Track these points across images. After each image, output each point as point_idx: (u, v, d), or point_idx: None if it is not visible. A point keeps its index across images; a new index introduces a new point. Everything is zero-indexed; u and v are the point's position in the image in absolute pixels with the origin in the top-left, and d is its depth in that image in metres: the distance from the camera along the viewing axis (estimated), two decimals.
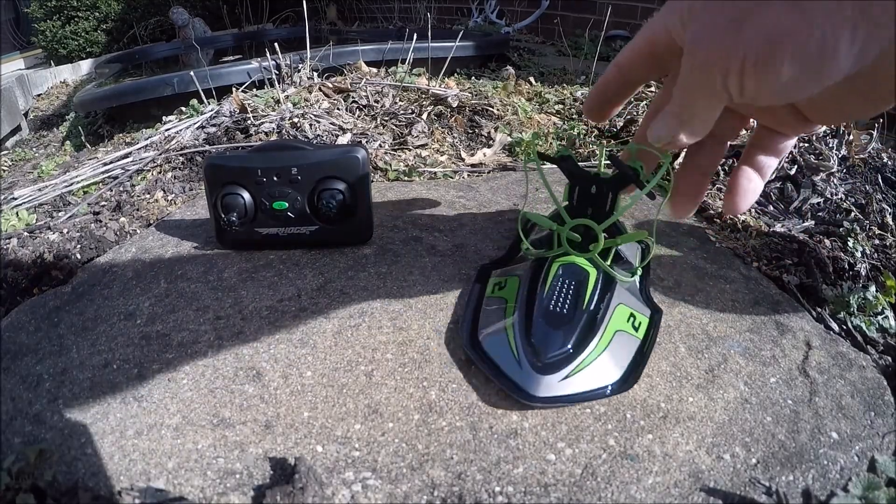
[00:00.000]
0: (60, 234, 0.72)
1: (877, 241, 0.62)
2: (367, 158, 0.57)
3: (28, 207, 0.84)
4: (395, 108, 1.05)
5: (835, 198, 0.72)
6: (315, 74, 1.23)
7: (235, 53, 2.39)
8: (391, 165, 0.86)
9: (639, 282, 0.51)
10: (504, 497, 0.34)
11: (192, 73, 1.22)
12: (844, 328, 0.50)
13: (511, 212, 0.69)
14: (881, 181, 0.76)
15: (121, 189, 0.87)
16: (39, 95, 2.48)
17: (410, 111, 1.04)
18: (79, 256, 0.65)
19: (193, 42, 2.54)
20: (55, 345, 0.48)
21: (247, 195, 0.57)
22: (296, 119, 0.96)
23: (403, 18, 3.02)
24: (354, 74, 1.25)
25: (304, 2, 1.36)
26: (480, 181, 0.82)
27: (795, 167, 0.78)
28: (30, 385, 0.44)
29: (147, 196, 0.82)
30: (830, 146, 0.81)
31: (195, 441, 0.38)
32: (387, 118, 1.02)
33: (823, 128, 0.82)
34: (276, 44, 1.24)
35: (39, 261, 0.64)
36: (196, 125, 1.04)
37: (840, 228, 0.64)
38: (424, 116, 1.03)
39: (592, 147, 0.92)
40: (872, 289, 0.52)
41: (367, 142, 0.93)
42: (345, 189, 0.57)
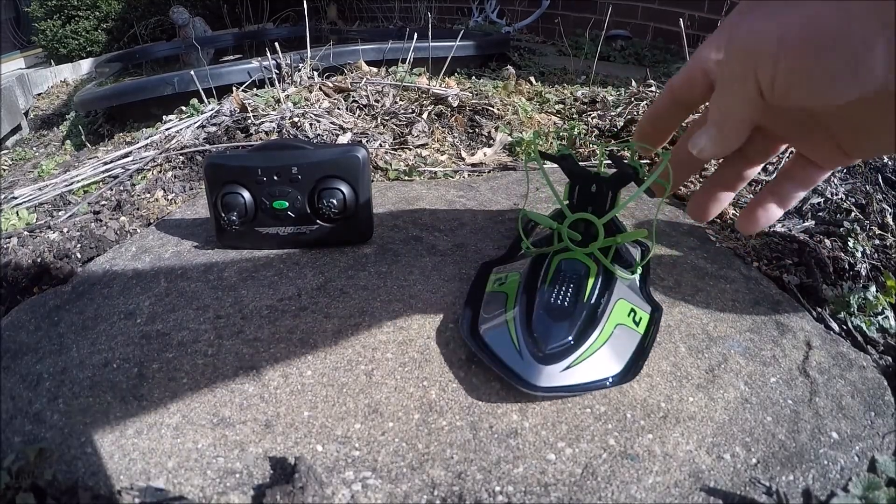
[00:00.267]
0: (60, 234, 0.72)
1: (877, 241, 0.62)
2: (368, 158, 0.57)
3: (28, 207, 0.84)
4: (396, 108, 1.05)
5: (835, 198, 0.72)
6: (315, 74, 1.23)
7: (236, 53, 2.39)
8: (391, 165, 0.86)
9: (639, 280, 0.51)
10: (504, 497, 0.34)
11: (193, 73, 1.22)
12: (845, 328, 0.50)
13: (511, 211, 0.69)
14: (881, 181, 0.76)
15: (121, 188, 0.87)
16: (40, 95, 2.48)
17: (411, 111, 1.04)
18: (79, 256, 0.65)
19: (194, 41, 2.54)
20: (55, 344, 0.48)
21: (247, 194, 0.57)
22: (296, 118, 0.96)
23: (404, 18, 3.02)
24: (355, 74, 1.25)
25: (305, 1, 1.36)
26: (481, 181, 0.82)
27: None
28: (30, 384, 0.44)
29: (147, 195, 0.82)
30: None
31: (195, 440, 0.38)
32: (387, 118, 1.02)
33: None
34: (277, 43, 1.24)
35: (39, 260, 0.64)
36: (196, 124, 1.04)
37: (840, 228, 0.64)
38: (425, 116, 1.03)
39: (593, 146, 0.92)
40: (873, 289, 0.52)
41: (368, 141, 0.93)
42: (345, 188, 0.57)
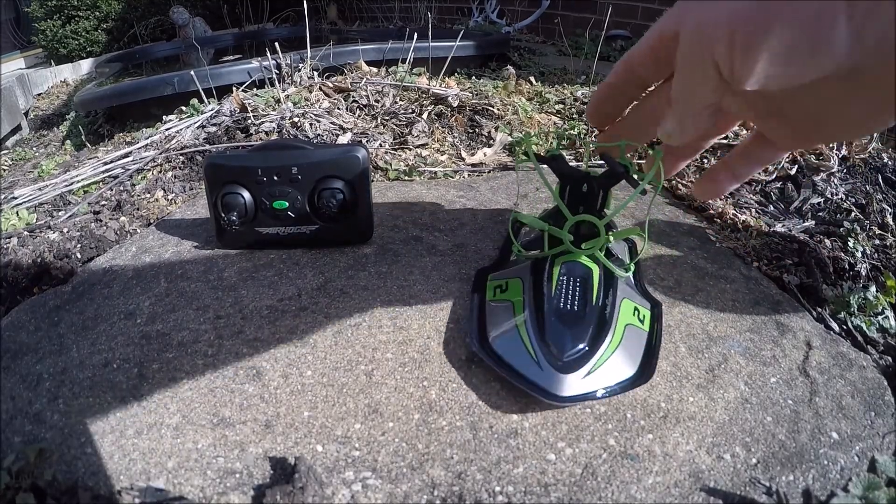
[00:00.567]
0: (60, 234, 0.72)
1: (877, 241, 0.62)
2: (368, 158, 0.57)
3: (28, 207, 0.84)
4: (396, 108, 1.05)
5: (835, 198, 0.72)
6: (315, 74, 1.23)
7: (236, 53, 2.39)
8: (391, 165, 0.86)
9: (632, 276, 0.51)
10: (504, 497, 0.34)
11: (193, 73, 1.22)
12: (845, 328, 0.50)
13: (511, 211, 0.69)
14: (881, 181, 0.76)
15: (121, 188, 0.87)
16: (40, 95, 2.48)
17: (411, 111, 1.04)
18: (79, 256, 0.65)
19: (194, 41, 2.54)
20: (55, 344, 0.48)
21: (247, 194, 0.57)
22: (296, 118, 0.96)
23: (404, 18, 3.02)
24: (355, 74, 1.25)
25: (305, 1, 1.36)
26: (481, 181, 0.82)
27: (796, 167, 0.78)
28: (30, 384, 0.44)
29: (147, 195, 0.82)
30: (831, 146, 0.81)
31: (195, 440, 0.38)
32: (387, 118, 1.02)
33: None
34: (277, 43, 1.24)
35: (39, 260, 0.64)
36: (196, 124, 1.04)
37: (840, 228, 0.64)
38: (425, 116, 1.03)
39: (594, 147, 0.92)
40: (873, 289, 0.52)
41: (368, 141, 0.93)
42: (345, 188, 0.57)
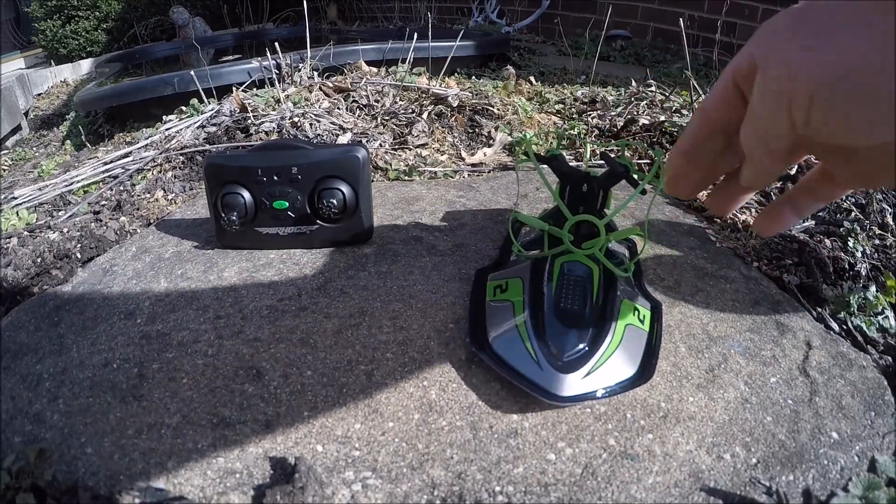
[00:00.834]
0: (60, 234, 0.72)
1: (877, 241, 0.62)
2: (368, 158, 0.57)
3: (28, 207, 0.84)
4: (396, 108, 1.05)
5: None
6: (315, 74, 1.23)
7: (236, 53, 2.39)
8: (391, 165, 0.86)
9: (632, 276, 0.51)
10: (504, 496, 0.34)
11: (193, 73, 1.22)
12: (845, 328, 0.50)
13: (511, 211, 0.69)
14: None
15: (121, 188, 0.87)
16: (40, 95, 2.48)
17: (411, 111, 1.04)
18: (79, 256, 0.65)
19: (194, 41, 2.54)
20: (55, 344, 0.48)
21: (247, 194, 0.57)
22: (296, 118, 0.96)
23: (404, 18, 3.02)
24: (355, 74, 1.25)
25: (305, 1, 1.36)
26: (481, 181, 0.82)
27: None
28: (30, 384, 0.44)
29: (147, 195, 0.82)
30: None
31: (195, 440, 0.38)
32: (387, 118, 1.02)
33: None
34: (277, 43, 1.24)
35: (39, 260, 0.64)
36: (196, 124, 1.04)
37: (840, 228, 0.64)
38: (425, 116, 1.03)
39: (594, 147, 0.92)
40: (873, 289, 0.52)
41: (368, 141, 0.93)
42: (345, 188, 0.57)
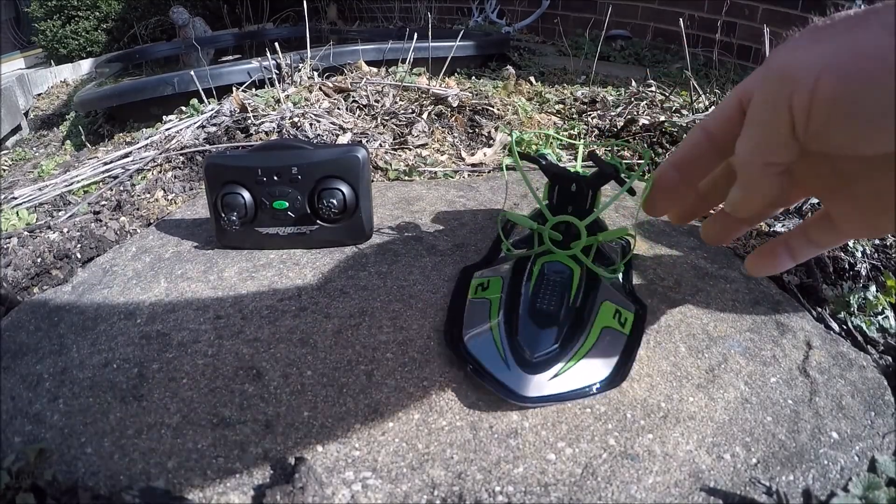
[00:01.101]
0: (60, 234, 0.72)
1: (877, 241, 0.62)
2: (368, 158, 0.57)
3: (28, 207, 0.84)
4: (396, 108, 1.05)
5: None
6: (315, 74, 1.23)
7: (236, 53, 2.39)
8: (391, 165, 0.86)
9: (622, 278, 0.51)
10: (504, 497, 0.34)
11: (193, 73, 1.22)
12: (845, 328, 0.50)
13: (502, 210, 0.69)
14: None
15: (121, 188, 0.87)
16: (40, 95, 2.48)
17: (411, 111, 1.04)
18: (79, 256, 0.65)
19: (194, 41, 2.54)
20: (55, 344, 0.48)
21: (247, 194, 0.57)
22: (296, 118, 0.96)
23: (404, 18, 3.02)
24: (355, 74, 1.25)
25: (305, 1, 1.36)
26: (481, 181, 0.82)
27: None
28: (30, 384, 0.44)
29: (147, 195, 0.82)
30: None
31: (195, 441, 0.38)
32: (387, 118, 1.02)
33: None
34: (277, 43, 1.24)
35: (39, 260, 0.64)
36: (196, 124, 1.04)
37: None
38: (425, 116, 1.03)
39: (594, 147, 0.92)
40: (873, 289, 0.52)
41: (368, 141, 0.93)
42: (345, 188, 0.57)
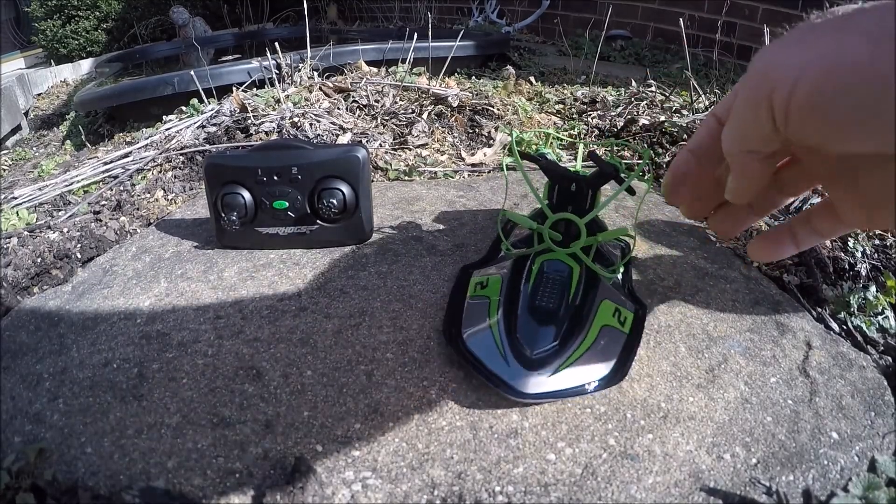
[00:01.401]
0: (61, 234, 0.72)
1: (877, 241, 0.62)
2: (368, 158, 0.57)
3: (28, 207, 0.84)
4: (396, 108, 1.05)
5: None
6: (315, 74, 1.23)
7: (236, 53, 2.39)
8: (391, 165, 0.86)
9: (622, 278, 0.51)
10: (504, 496, 0.34)
11: (193, 73, 1.22)
12: (845, 328, 0.50)
13: (501, 210, 0.69)
14: None
15: (121, 188, 0.87)
16: (40, 95, 2.48)
17: (411, 111, 1.04)
18: (79, 256, 0.65)
19: (194, 41, 2.54)
20: (55, 344, 0.48)
21: (247, 194, 0.57)
22: (296, 118, 0.96)
23: (404, 18, 3.02)
24: (355, 74, 1.25)
25: (305, 1, 1.36)
26: (481, 181, 0.82)
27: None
28: (30, 384, 0.44)
29: (147, 195, 0.82)
30: None
31: (195, 440, 0.38)
32: (387, 118, 1.02)
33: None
34: (277, 43, 1.24)
35: (39, 260, 0.64)
36: (196, 124, 1.04)
37: None
38: (425, 116, 1.03)
39: (594, 147, 0.92)
40: (873, 289, 0.52)
41: (368, 141, 0.93)
42: (345, 188, 0.57)
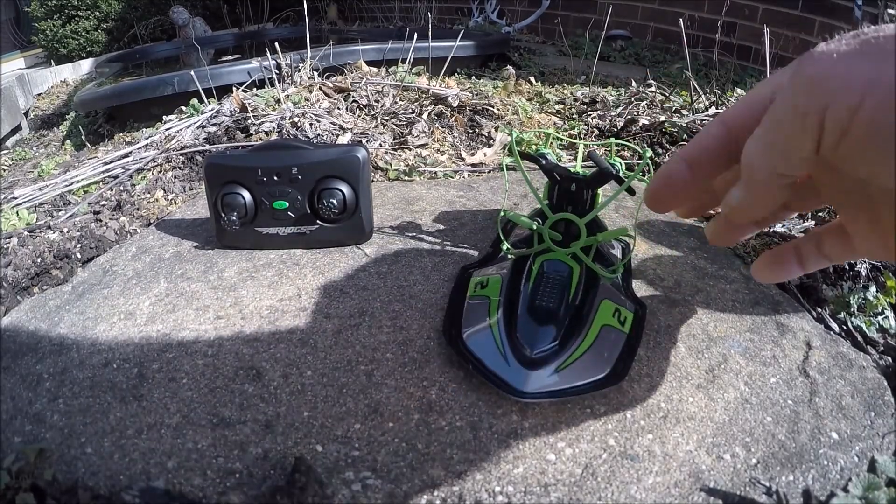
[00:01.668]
0: (61, 234, 0.72)
1: None
2: (368, 158, 0.57)
3: (28, 207, 0.84)
4: (396, 108, 1.05)
5: None
6: (315, 74, 1.23)
7: (236, 53, 2.39)
8: (391, 165, 0.86)
9: (621, 278, 0.51)
10: (504, 497, 0.34)
11: (193, 73, 1.22)
12: (845, 328, 0.50)
13: (501, 210, 0.69)
14: None
15: (121, 188, 0.87)
16: (40, 95, 2.48)
17: (411, 111, 1.04)
18: (79, 256, 0.65)
19: (194, 41, 2.54)
20: (55, 344, 0.48)
21: (247, 194, 0.57)
22: (296, 118, 0.96)
23: (404, 18, 3.02)
24: (355, 74, 1.25)
25: (305, 1, 1.36)
26: (481, 181, 0.82)
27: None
28: (30, 384, 0.44)
29: (147, 195, 0.82)
30: None
31: (195, 440, 0.38)
32: (387, 118, 1.02)
33: None
34: (277, 43, 1.24)
35: (39, 260, 0.64)
36: (196, 124, 1.04)
37: None
38: (425, 116, 1.03)
39: (594, 147, 0.92)
40: (873, 289, 0.52)
41: (368, 141, 0.93)
42: (345, 188, 0.57)
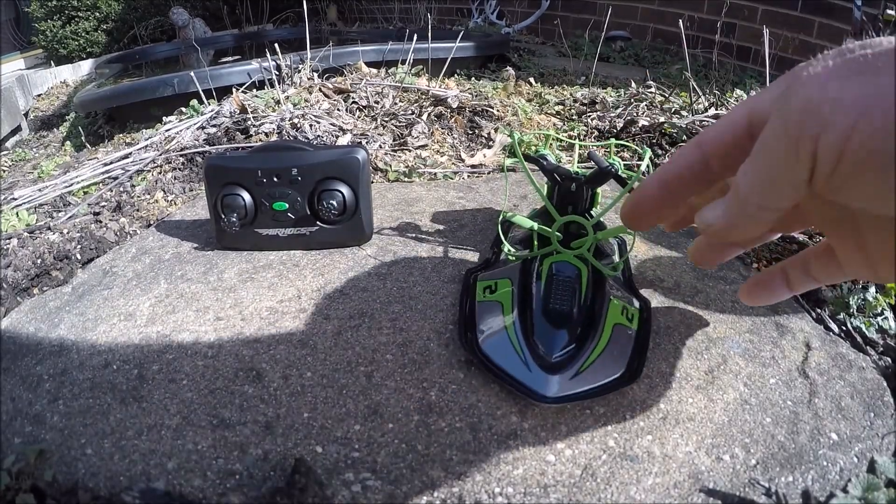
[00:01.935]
0: (60, 235, 0.72)
1: None
2: (367, 159, 0.57)
3: (28, 208, 0.84)
4: (395, 109, 1.05)
5: None
6: (315, 75, 1.23)
7: (235, 54, 2.40)
8: (391, 166, 0.86)
9: (621, 275, 0.52)
10: (504, 498, 0.34)
11: (193, 74, 1.22)
12: (844, 329, 0.50)
13: (501, 211, 0.69)
14: None
15: (121, 189, 0.87)
16: (39, 95, 2.48)
17: (410, 112, 1.04)
18: (79, 257, 0.65)
19: (193, 42, 2.54)
20: (55, 345, 0.48)
21: (247, 196, 0.57)
22: (296, 120, 0.96)
23: (403, 19, 3.02)
24: (354, 75, 1.25)
25: (305, 2, 1.37)
26: (480, 182, 0.82)
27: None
28: (30, 385, 0.44)
29: (147, 196, 0.82)
30: None
31: (195, 442, 0.38)
32: (387, 119, 1.02)
33: None
34: (277, 44, 1.24)
35: (39, 261, 0.64)
36: (196, 125, 1.04)
37: None
38: (424, 117, 1.03)
39: (593, 147, 0.92)
40: (872, 290, 0.52)
41: (368, 142, 0.93)
42: (345, 190, 0.57)
